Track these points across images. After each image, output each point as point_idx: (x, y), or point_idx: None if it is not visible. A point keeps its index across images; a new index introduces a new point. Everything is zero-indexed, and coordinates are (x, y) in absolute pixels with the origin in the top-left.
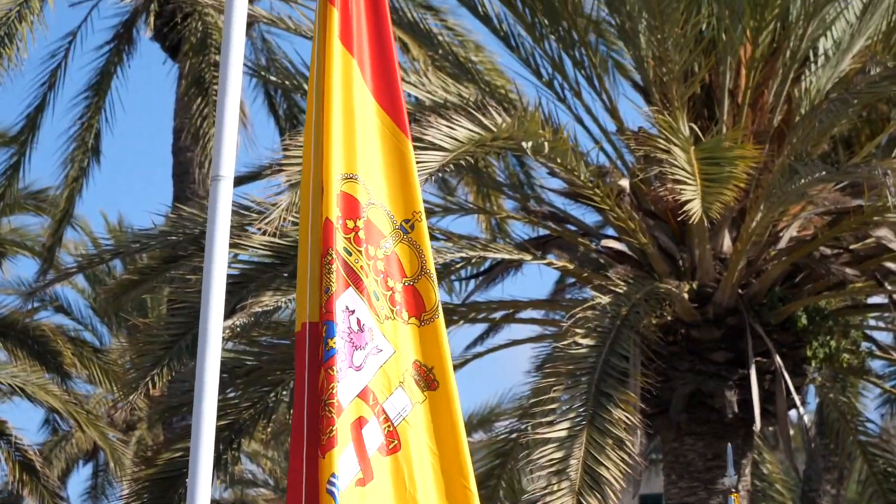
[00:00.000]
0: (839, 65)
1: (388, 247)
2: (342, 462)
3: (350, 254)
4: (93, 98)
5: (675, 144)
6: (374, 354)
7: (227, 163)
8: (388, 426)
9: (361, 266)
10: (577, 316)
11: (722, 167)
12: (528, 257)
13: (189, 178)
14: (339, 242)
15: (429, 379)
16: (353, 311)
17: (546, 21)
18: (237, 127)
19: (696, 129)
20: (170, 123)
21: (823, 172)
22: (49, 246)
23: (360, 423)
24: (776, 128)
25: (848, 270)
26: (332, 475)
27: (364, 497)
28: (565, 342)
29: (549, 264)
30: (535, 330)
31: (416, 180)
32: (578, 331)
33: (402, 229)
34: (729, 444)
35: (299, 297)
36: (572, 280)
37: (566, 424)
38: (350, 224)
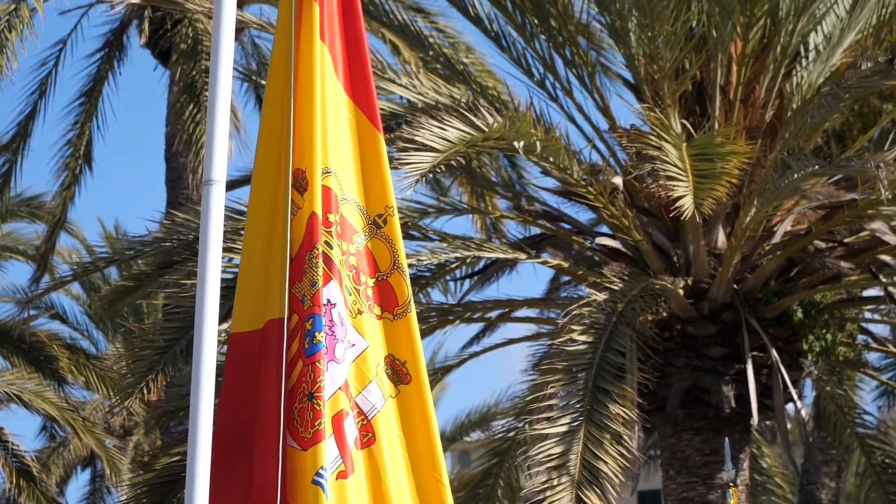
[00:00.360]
0: (830, 59)
1: (361, 242)
2: (328, 454)
3: (331, 247)
4: (85, 105)
5: (667, 141)
6: (349, 348)
7: (220, 167)
8: (363, 420)
9: (339, 261)
10: (574, 313)
11: (714, 163)
12: (522, 256)
13: (182, 184)
14: (322, 236)
15: (402, 373)
16: (334, 305)
17: (536, 21)
18: (228, 131)
19: (688, 126)
20: (162, 129)
21: (816, 167)
22: (43, 253)
23: (341, 415)
24: (768, 123)
25: (843, 264)
26: (322, 468)
27: (344, 489)
28: (562, 339)
29: (543, 263)
30: (531, 328)
31: (389, 175)
32: (575, 328)
33: (375, 224)
34: (726, 439)
35: (262, 295)
36: (567, 278)
37: (564, 420)
38: (330, 217)
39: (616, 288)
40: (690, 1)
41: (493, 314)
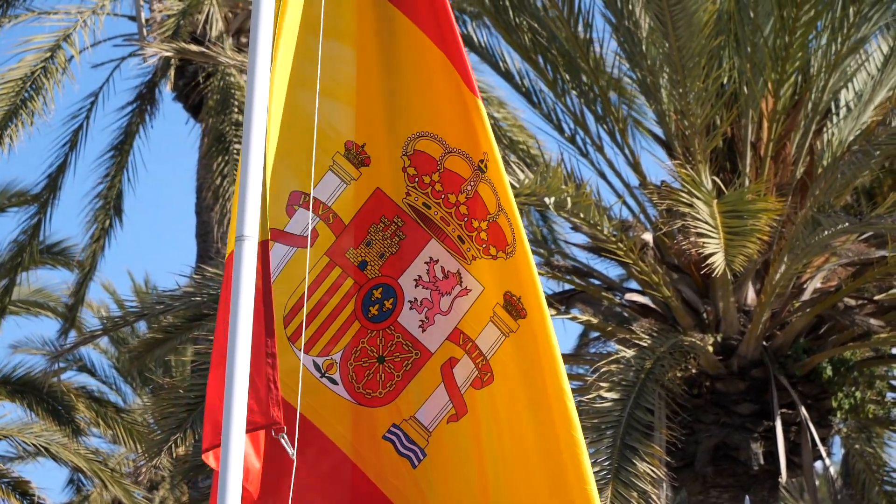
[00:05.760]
0: (861, 116)
1: (470, 189)
2: (429, 405)
3: (429, 207)
4: (116, 157)
5: (698, 198)
6: (463, 296)
7: (251, 223)
8: (482, 360)
9: (441, 217)
10: (602, 370)
11: (745, 220)
12: (552, 312)
13: (212, 238)
14: (418, 198)
15: (518, 308)
16: (437, 261)
17: (567, 77)
18: (261, 186)
19: (719, 182)
20: (193, 183)
21: (846, 224)
22: (71, 306)
23: (450, 363)
24: (799, 180)
25: (872, 321)
26: (394, 425)
27: (455, 432)
28: (590, 396)
29: (573, 319)
30: None
31: (480, 124)
32: (603, 384)
33: (480, 169)
34: (746, 497)
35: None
36: (596, 334)
37: None
38: (427, 179)
39: (645, 344)
40: (721, 57)
41: None
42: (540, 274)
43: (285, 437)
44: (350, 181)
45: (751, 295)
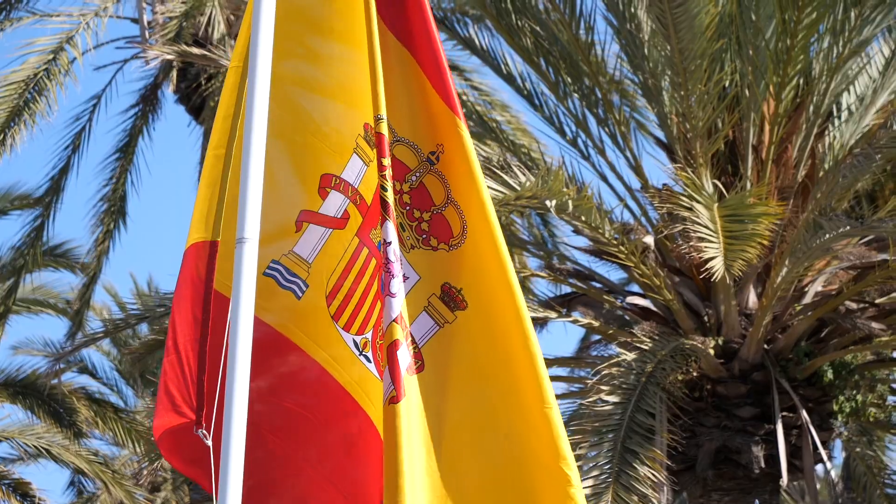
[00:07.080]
0: (862, 120)
1: (415, 180)
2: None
3: (385, 189)
4: (119, 160)
5: (698, 202)
6: (404, 282)
7: (252, 225)
8: (414, 348)
9: (394, 200)
10: (603, 373)
11: (745, 224)
12: (553, 315)
13: None
14: (379, 180)
15: (458, 300)
16: (390, 243)
17: (569, 79)
18: (261, 188)
19: (720, 186)
20: (194, 185)
21: (848, 227)
22: (77, 309)
23: (395, 345)
24: (800, 183)
25: (874, 325)
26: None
27: (395, 413)
28: (591, 399)
29: (574, 322)
30: (560, 387)
31: (439, 112)
32: (604, 388)
33: (429, 161)
34: (756, 501)
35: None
36: (597, 337)
37: (591, 482)
38: (384, 161)
39: (646, 347)
40: (723, 60)
41: None
42: (540, 277)
43: (204, 432)
44: (369, 163)
45: (752, 298)
